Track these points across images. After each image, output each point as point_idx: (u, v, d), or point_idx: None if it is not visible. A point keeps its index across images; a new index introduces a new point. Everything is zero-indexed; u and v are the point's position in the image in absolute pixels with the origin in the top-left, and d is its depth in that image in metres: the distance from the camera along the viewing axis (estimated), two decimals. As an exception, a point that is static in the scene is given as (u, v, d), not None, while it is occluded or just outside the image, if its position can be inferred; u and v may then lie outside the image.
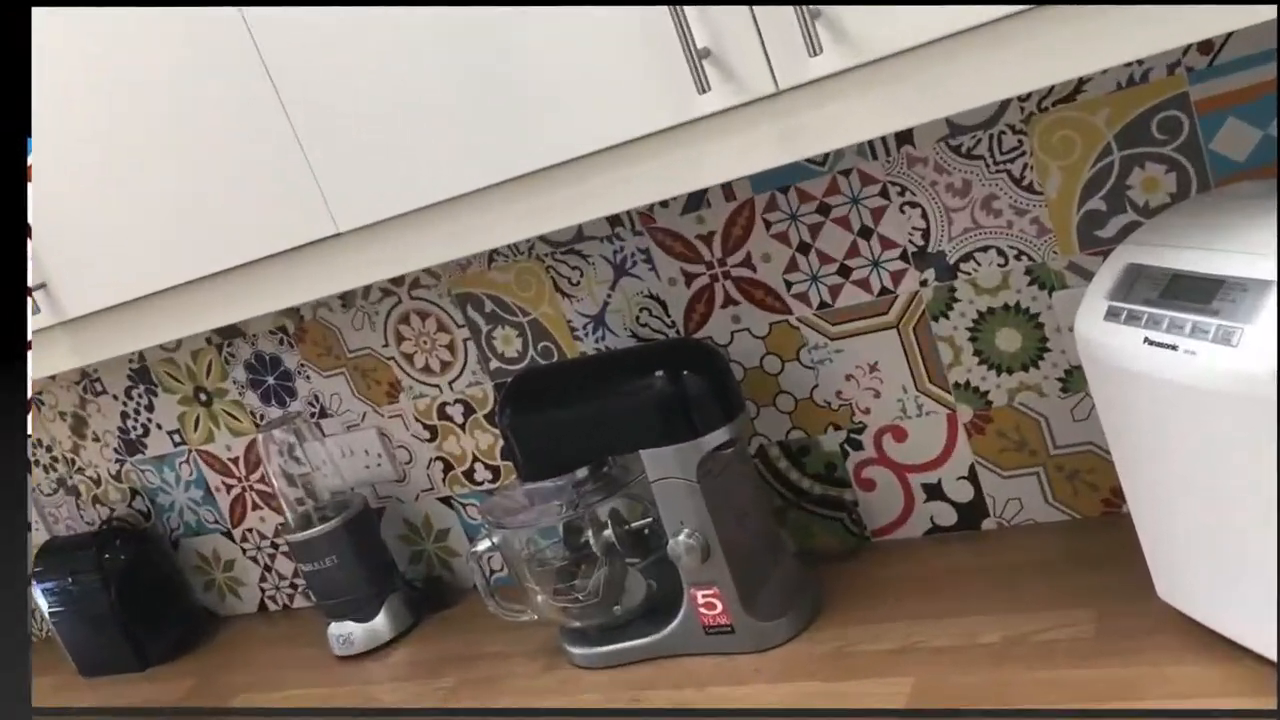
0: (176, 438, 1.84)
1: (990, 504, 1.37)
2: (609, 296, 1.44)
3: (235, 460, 1.82)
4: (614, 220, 1.40)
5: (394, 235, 1.15)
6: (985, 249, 1.25)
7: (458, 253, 1.13)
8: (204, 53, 1.13)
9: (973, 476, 1.36)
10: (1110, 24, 0.83)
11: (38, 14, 1.19)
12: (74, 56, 1.19)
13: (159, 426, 1.84)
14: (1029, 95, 1.17)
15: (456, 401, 1.60)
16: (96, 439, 1.91)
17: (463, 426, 1.62)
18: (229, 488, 1.85)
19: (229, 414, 1.78)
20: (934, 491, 1.39)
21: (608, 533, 1.34)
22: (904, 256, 1.29)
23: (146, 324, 1.33)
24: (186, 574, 1.97)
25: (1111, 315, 0.98)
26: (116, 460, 1.92)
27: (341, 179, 1.13)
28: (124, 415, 1.86)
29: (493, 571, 1.69)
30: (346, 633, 1.63)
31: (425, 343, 1.58)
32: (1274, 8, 0.79)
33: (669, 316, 1.42)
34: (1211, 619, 1.03)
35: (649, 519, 1.35)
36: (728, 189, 1.33)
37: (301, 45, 1.09)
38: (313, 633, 1.77)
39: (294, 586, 1.90)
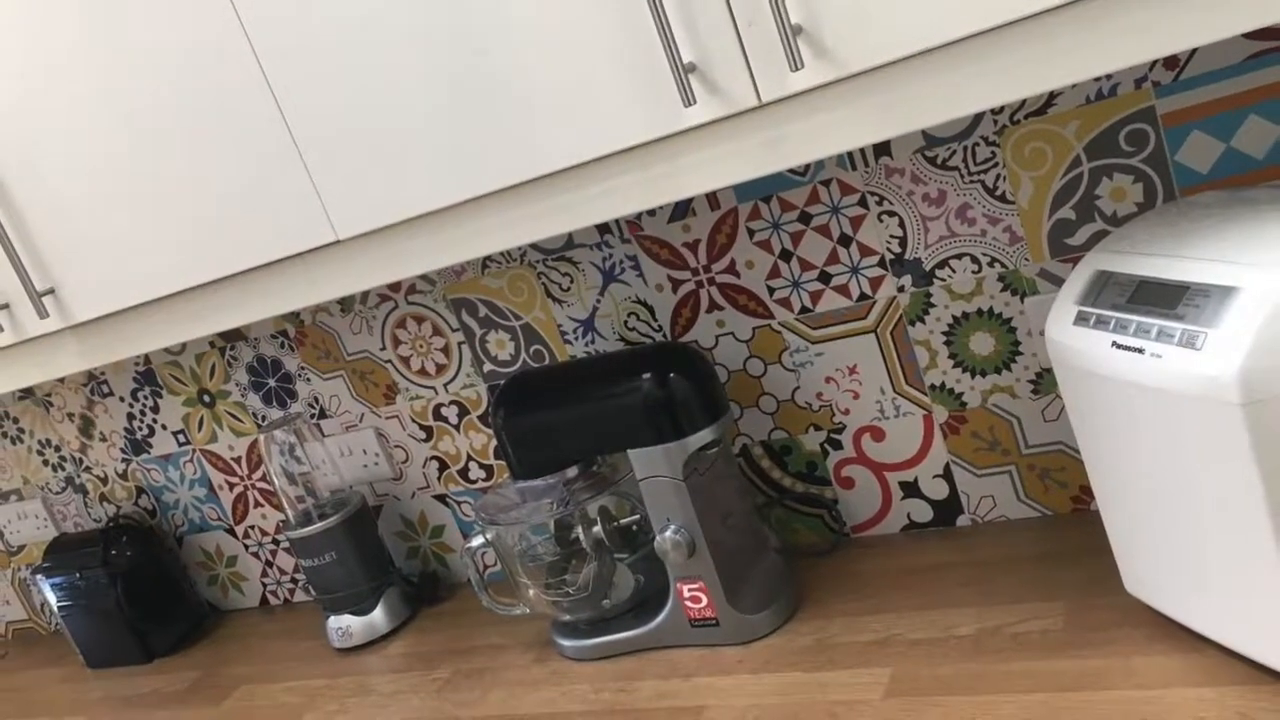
0: (181, 438, 1.83)
1: (965, 501, 1.37)
2: (598, 302, 1.44)
3: (238, 459, 1.81)
4: (603, 228, 1.40)
5: (391, 243, 1.15)
6: (960, 256, 1.25)
7: (452, 259, 1.13)
8: (208, 68, 1.13)
9: (948, 475, 1.36)
10: (1079, 40, 0.83)
11: (55, 22, 1.18)
12: (83, 70, 1.19)
13: (164, 427, 1.84)
14: (1002, 109, 1.17)
15: (451, 403, 1.60)
16: (103, 439, 1.90)
17: (457, 427, 1.61)
18: (231, 486, 1.84)
19: (231, 415, 1.77)
20: (911, 489, 1.39)
21: (597, 529, 1.33)
22: (882, 263, 1.29)
23: (152, 328, 1.33)
24: (190, 569, 1.96)
25: (1081, 320, 0.98)
26: (123, 459, 1.91)
27: (340, 189, 1.13)
28: (130, 416, 1.85)
29: (486, 567, 1.69)
30: (345, 626, 1.62)
31: (421, 346, 1.58)
32: (1237, 24, 0.79)
33: (656, 321, 1.42)
34: (1177, 611, 1.03)
35: (637, 516, 1.35)
36: (712, 198, 1.33)
37: (303, 64, 1.09)
38: (312, 626, 1.77)
39: (294, 581, 1.89)
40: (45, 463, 1.99)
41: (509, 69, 1.01)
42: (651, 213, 1.37)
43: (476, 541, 1.41)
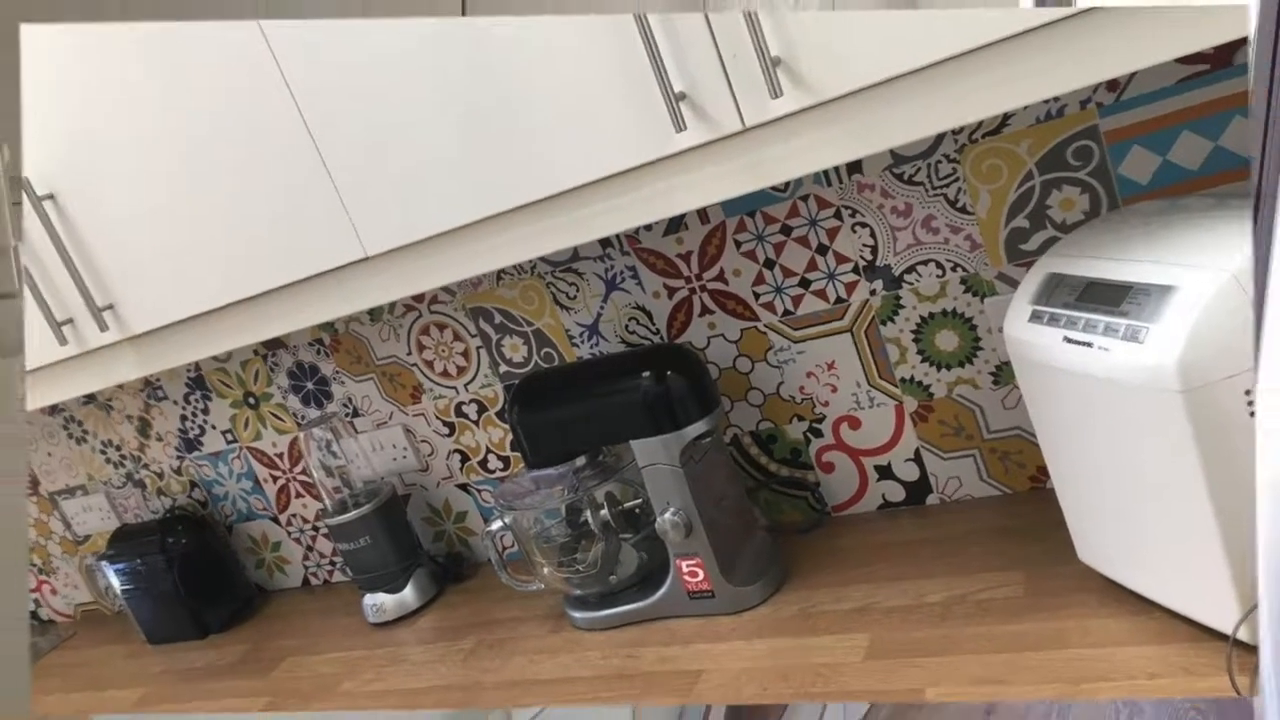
0: (229, 436, 1.83)
1: (933, 482, 1.37)
2: (601, 308, 1.44)
3: (280, 455, 1.81)
4: (605, 242, 1.40)
5: (415, 258, 1.15)
6: (926, 262, 1.25)
7: (470, 272, 1.13)
8: (251, 105, 1.13)
9: (918, 459, 1.36)
10: (1029, 67, 0.83)
11: (115, 65, 1.18)
12: (141, 106, 1.19)
13: (213, 427, 1.84)
14: (961, 129, 1.17)
15: (471, 401, 1.60)
16: (159, 438, 1.90)
17: (477, 423, 1.61)
18: (275, 479, 1.84)
19: (274, 415, 1.77)
20: (885, 472, 1.39)
21: (604, 512, 1.33)
22: (855, 270, 1.29)
23: (201, 338, 1.33)
24: (239, 554, 1.96)
25: (1035, 318, 0.98)
26: (177, 457, 1.91)
27: (369, 211, 1.13)
28: (183, 418, 1.85)
29: (505, 548, 1.68)
30: (379, 603, 1.62)
31: (443, 351, 1.58)
32: (1170, 50, 0.79)
33: (654, 324, 1.42)
34: (1125, 578, 1.03)
35: (639, 500, 1.34)
36: (702, 214, 1.33)
37: (334, 100, 1.09)
38: (349, 603, 1.76)
39: (333, 564, 1.89)
40: (107, 460, 1.99)
41: (519, 101, 1.01)
42: (648, 227, 1.36)
43: (496, 525, 1.41)
